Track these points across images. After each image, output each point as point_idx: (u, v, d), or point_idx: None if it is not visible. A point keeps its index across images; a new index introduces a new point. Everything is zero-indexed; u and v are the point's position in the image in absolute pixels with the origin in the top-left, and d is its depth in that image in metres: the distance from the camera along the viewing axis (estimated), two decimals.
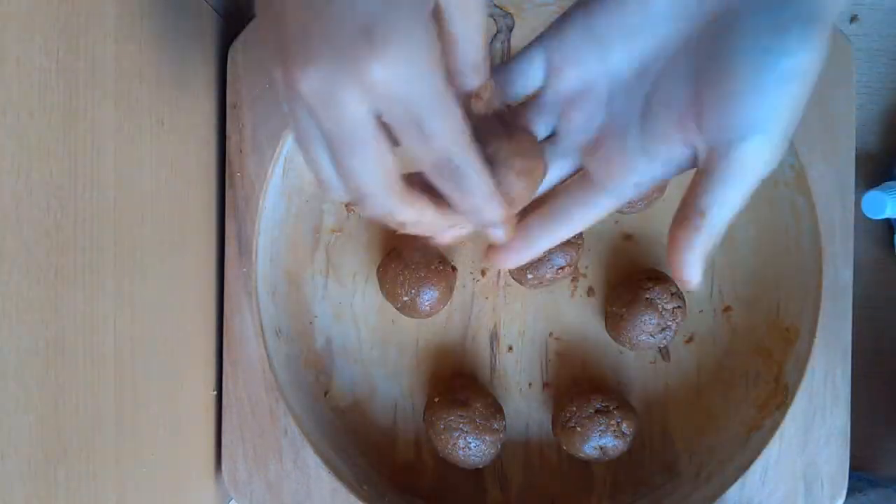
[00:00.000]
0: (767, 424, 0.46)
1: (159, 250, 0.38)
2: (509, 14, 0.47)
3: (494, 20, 0.47)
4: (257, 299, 0.46)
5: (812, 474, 0.45)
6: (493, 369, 0.50)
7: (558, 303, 0.50)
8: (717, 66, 0.27)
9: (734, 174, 0.27)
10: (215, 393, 0.47)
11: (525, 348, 0.50)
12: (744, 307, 0.49)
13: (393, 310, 0.48)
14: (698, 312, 0.49)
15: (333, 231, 0.50)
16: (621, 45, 0.30)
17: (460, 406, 0.45)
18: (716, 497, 0.45)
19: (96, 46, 0.31)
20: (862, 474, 0.50)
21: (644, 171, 0.31)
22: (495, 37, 0.48)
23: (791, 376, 0.46)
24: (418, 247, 0.41)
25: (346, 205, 0.50)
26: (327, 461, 0.46)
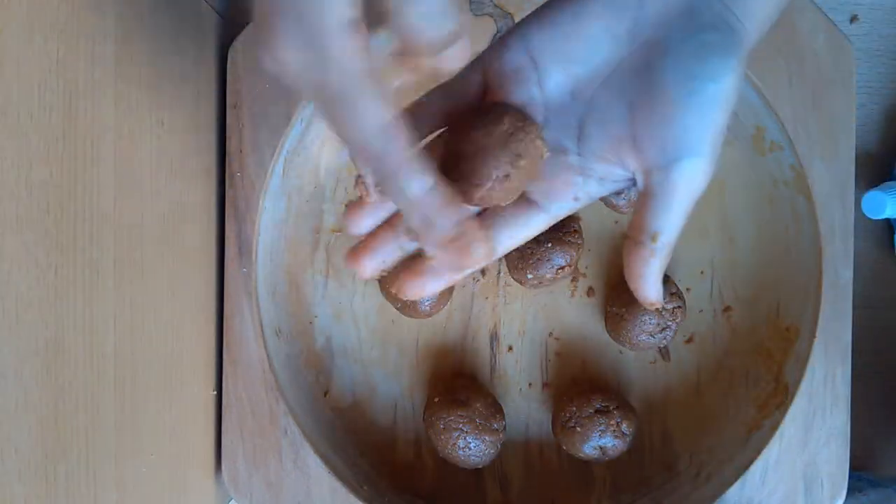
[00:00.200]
0: (767, 424, 0.46)
1: (159, 250, 0.38)
2: (509, 14, 0.47)
3: (494, 20, 0.47)
4: (257, 299, 0.46)
5: (812, 474, 0.45)
6: (493, 369, 0.50)
7: (558, 303, 0.50)
8: (648, 91, 0.29)
9: (675, 195, 0.29)
10: (215, 393, 0.47)
11: (525, 348, 0.50)
12: (744, 307, 0.49)
13: (393, 310, 0.48)
14: (698, 312, 0.49)
15: (333, 231, 0.50)
16: (557, 69, 0.31)
17: (460, 406, 0.45)
18: (716, 497, 0.45)
19: (96, 46, 0.31)
20: (862, 474, 0.50)
21: (581, 190, 0.32)
22: (495, 37, 0.48)
23: (791, 376, 0.46)
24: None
25: (346, 205, 0.50)
26: (327, 461, 0.46)
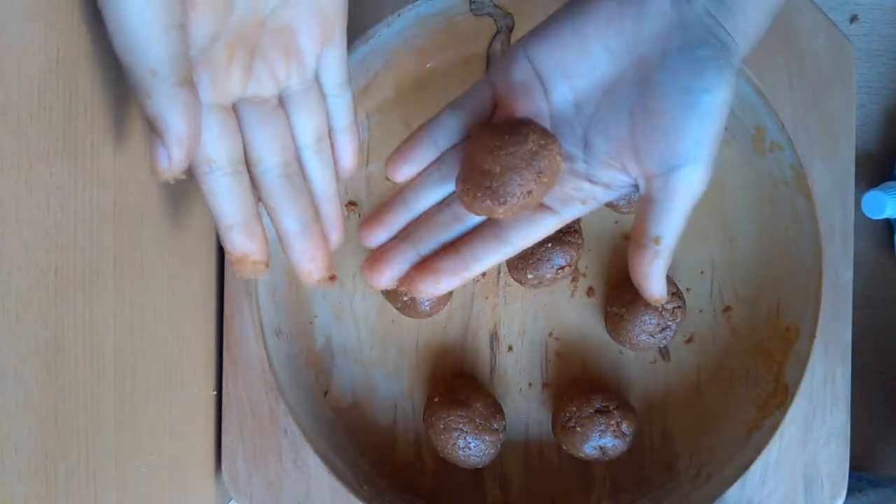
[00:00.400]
0: (767, 424, 0.46)
1: (159, 250, 0.38)
2: (509, 14, 0.47)
3: (494, 20, 0.47)
4: (257, 299, 0.46)
5: (812, 474, 0.45)
6: (493, 369, 0.50)
7: (558, 303, 0.50)
8: (647, 103, 0.31)
9: (675, 200, 0.31)
10: (215, 393, 0.47)
11: (525, 348, 0.50)
12: (744, 307, 0.49)
13: (393, 310, 0.48)
14: (698, 312, 0.49)
15: None
16: (561, 82, 0.33)
17: (460, 406, 0.45)
18: (716, 497, 0.45)
19: (96, 46, 0.31)
20: (862, 474, 0.50)
21: (589, 195, 0.34)
22: (495, 37, 0.48)
23: (791, 376, 0.46)
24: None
25: (346, 205, 0.50)
26: (327, 461, 0.46)
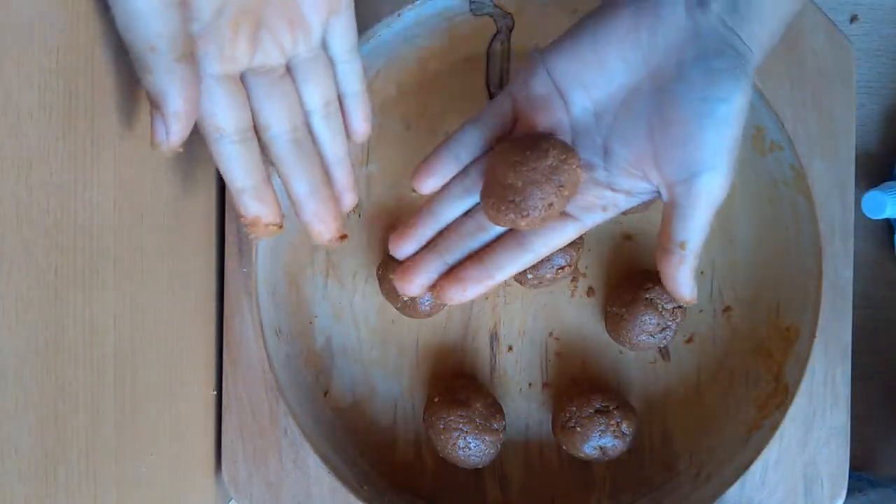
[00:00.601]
0: (767, 424, 0.46)
1: (159, 250, 0.38)
2: (509, 14, 0.47)
3: (494, 20, 0.47)
4: (257, 299, 0.46)
5: (812, 474, 0.45)
6: (493, 369, 0.50)
7: (558, 303, 0.50)
8: (664, 113, 0.31)
9: (697, 207, 0.32)
10: (215, 393, 0.47)
11: (525, 348, 0.50)
12: (744, 307, 0.49)
13: (393, 310, 0.48)
14: (698, 312, 0.49)
15: None
16: (580, 94, 0.34)
17: (460, 406, 0.45)
18: (716, 497, 0.45)
19: (96, 46, 0.31)
20: (862, 474, 0.50)
21: (610, 202, 0.35)
22: (495, 37, 0.48)
23: (791, 376, 0.46)
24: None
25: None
26: (327, 461, 0.46)
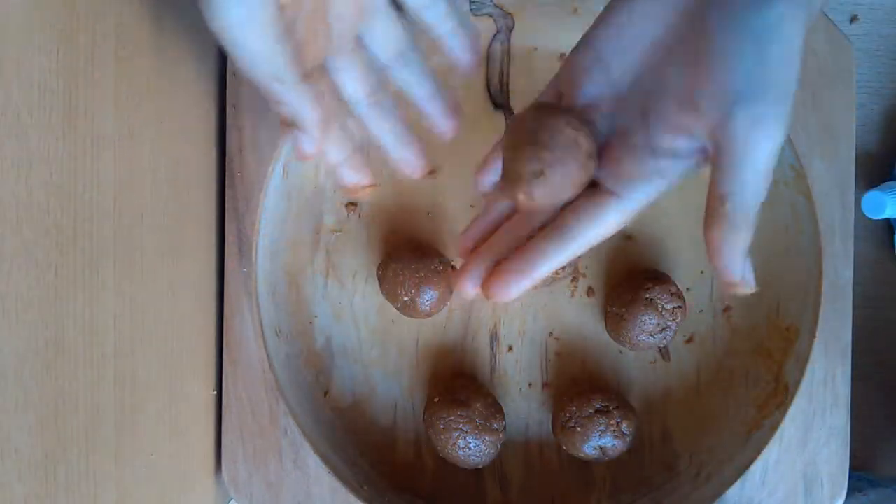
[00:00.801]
0: (767, 424, 0.46)
1: (159, 250, 0.38)
2: (509, 14, 0.47)
3: (494, 20, 0.47)
4: (257, 299, 0.46)
5: (812, 474, 0.45)
6: (493, 369, 0.50)
7: (558, 303, 0.50)
8: (699, 46, 0.28)
9: (739, 148, 0.27)
10: (215, 393, 0.47)
11: (525, 348, 0.50)
12: (744, 307, 0.49)
13: (393, 310, 0.48)
14: (698, 312, 0.49)
15: (333, 231, 0.50)
16: (618, 60, 0.32)
17: (460, 406, 0.45)
18: (716, 497, 0.45)
19: (96, 46, 0.31)
20: (862, 474, 0.50)
21: (654, 169, 0.31)
22: (495, 37, 0.48)
23: (791, 376, 0.46)
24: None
25: (346, 205, 0.50)
26: (327, 461, 0.46)
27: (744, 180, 0.28)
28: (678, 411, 0.49)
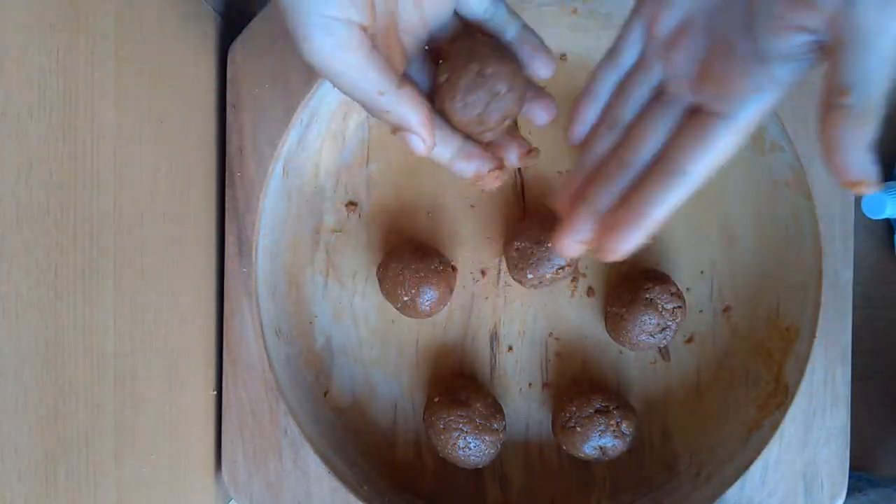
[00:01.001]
0: (767, 424, 0.46)
1: (159, 250, 0.38)
2: None
3: None
4: (257, 299, 0.46)
5: (812, 474, 0.45)
6: (493, 369, 0.50)
7: (558, 303, 0.50)
8: None
9: (865, 36, 0.25)
10: (215, 393, 0.47)
11: (525, 348, 0.50)
12: (744, 307, 0.49)
13: (393, 310, 0.48)
14: (698, 312, 0.49)
15: (333, 231, 0.50)
16: None
17: (460, 406, 0.45)
18: (716, 497, 0.45)
19: (96, 46, 0.31)
20: (862, 474, 0.50)
21: (763, 78, 0.28)
22: None
23: (791, 376, 0.46)
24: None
25: (346, 205, 0.50)
26: (327, 461, 0.46)
27: (868, 68, 0.25)
28: (678, 411, 0.49)
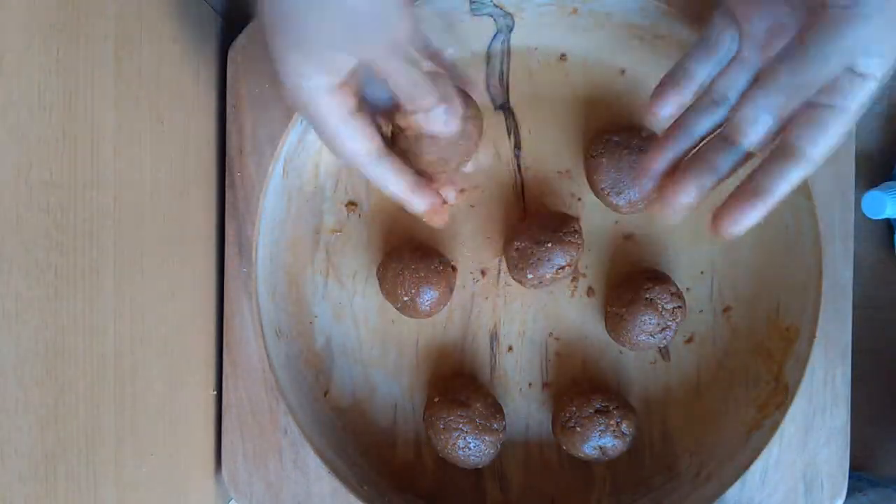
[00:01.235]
0: (767, 424, 0.46)
1: (159, 250, 0.38)
2: (509, 14, 0.47)
3: (494, 20, 0.47)
4: (257, 299, 0.46)
5: (812, 474, 0.45)
6: (493, 369, 0.50)
7: (558, 303, 0.50)
8: None
9: None
10: (215, 393, 0.47)
11: (525, 348, 0.50)
12: (744, 307, 0.49)
13: (393, 310, 0.48)
14: (698, 312, 0.49)
15: (333, 231, 0.50)
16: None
17: (460, 406, 0.45)
18: (716, 497, 0.45)
19: (96, 46, 0.31)
20: (862, 474, 0.50)
21: (856, 51, 0.28)
22: (495, 37, 0.48)
23: (791, 376, 0.46)
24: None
25: (346, 205, 0.50)
26: (327, 461, 0.46)
27: None
28: (678, 411, 0.49)
